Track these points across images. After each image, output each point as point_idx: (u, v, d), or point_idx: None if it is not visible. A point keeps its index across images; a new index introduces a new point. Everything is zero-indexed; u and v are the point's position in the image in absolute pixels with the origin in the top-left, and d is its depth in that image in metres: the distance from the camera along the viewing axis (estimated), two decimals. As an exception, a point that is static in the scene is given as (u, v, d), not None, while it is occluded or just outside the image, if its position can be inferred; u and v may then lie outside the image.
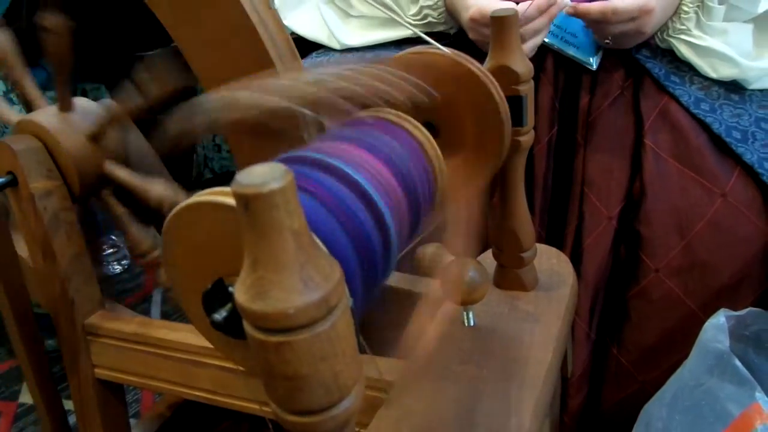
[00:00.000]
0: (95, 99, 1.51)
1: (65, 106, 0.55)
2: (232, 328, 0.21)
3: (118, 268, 1.27)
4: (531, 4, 0.59)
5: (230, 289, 0.21)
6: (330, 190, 0.23)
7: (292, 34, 0.76)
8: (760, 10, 0.67)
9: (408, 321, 0.50)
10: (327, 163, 0.24)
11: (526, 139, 0.39)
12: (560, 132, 0.70)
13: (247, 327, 0.18)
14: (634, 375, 0.69)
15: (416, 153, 0.30)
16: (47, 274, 0.55)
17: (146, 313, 1.24)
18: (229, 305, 0.21)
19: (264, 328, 0.17)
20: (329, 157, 0.25)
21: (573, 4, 0.63)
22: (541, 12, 0.61)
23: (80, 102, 0.57)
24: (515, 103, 0.38)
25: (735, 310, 0.65)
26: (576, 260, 0.70)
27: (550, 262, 0.47)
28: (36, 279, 0.60)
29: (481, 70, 0.36)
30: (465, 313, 0.40)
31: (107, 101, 0.59)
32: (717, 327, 0.42)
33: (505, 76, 0.37)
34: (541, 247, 0.46)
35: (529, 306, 0.42)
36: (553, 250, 0.49)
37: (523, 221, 0.42)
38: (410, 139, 0.30)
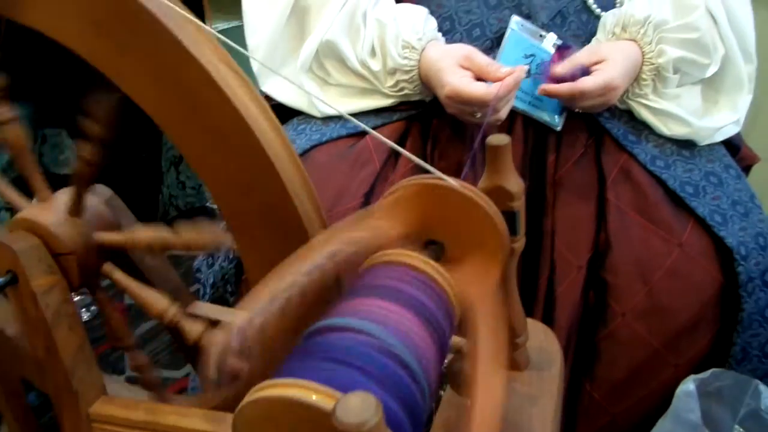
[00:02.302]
0: (56, 144, 1.49)
1: (44, 196, 0.55)
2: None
3: (86, 316, 1.25)
4: (501, 85, 0.64)
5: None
6: (375, 362, 0.27)
7: (272, 100, 0.79)
8: (710, 74, 0.74)
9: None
10: (366, 331, 0.28)
11: (519, 245, 0.44)
12: (530, 188, 0.75)
13: None
14: (606, 408, 0.75)
15: (433, 290, 0.34)
16: (50, 367, 0.56)
17: (120, 361, 1.23)
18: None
19: None
20: (363, 321, 0.28)
21: (543, 85, 0.69)
22: (510, 90, 0.66)
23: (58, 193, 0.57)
24: (510, 217, 0.42)
25: (694, 347, 0.72)
26: (549, 307, 0.76)
27: (538, 339, 0.51)
28: (37, 368, 0.60)
29: (479, 194, 0.40)
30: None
31: (109, 195, 0.59)
32: (688, 394, 0.48)
33: (501, 195, 0.41)
34: (529, 322, 0.51)
35: (525, 387, 0.47)
36: (540, 325, 0.54)
37: (517, 311, 0.47)
38: (425, 277, 0.34)
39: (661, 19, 0.71)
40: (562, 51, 0.73)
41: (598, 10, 0.77)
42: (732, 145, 0.83)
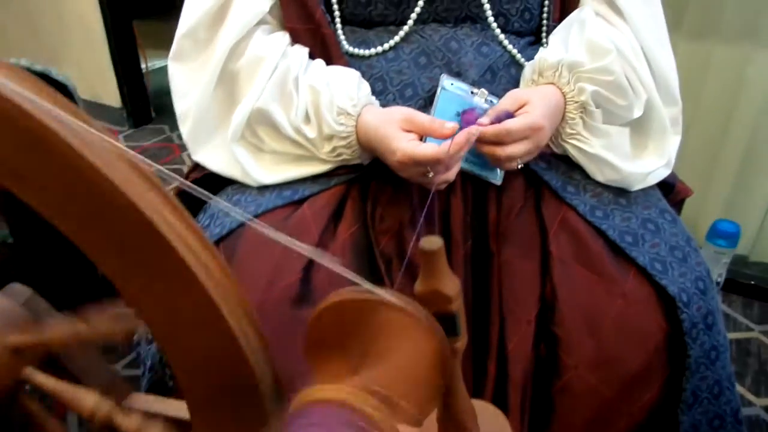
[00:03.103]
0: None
1: None
2: None
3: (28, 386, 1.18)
4: (451, 143, 0.63)
5: None
6: None
7: (203, 170, 0.76)
8: (635, 116, 0.75)
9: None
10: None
11: (461, 344, 0.42)
12: (474, 244, 0.75)
13: None
14: (564, 460, 0.75)
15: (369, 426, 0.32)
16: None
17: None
18: None
19: None
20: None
21: (470, 127, 0.68)
22: (462, 147, 0.65)
23: None
24: (449, 320, 0.40)
25: (646, 394, 0.72)
26: (503, 362, 0.75)
27: (489, 424, 0.50)
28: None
29: (412, 305, 0.38)
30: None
31: (28, 296, 0.55)
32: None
33: (437, 299, 0.40)
34: (480, 407, 0.49)
35: (478, 482, 0.45)
36: (491, 408, 0.52)
37: (466, 407, 0.45)
38: (358, 416, 0.32)
39: (575, 61, 0.72)
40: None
41: (526, 63, 0.77)
42: (667, 184, 0.85)
